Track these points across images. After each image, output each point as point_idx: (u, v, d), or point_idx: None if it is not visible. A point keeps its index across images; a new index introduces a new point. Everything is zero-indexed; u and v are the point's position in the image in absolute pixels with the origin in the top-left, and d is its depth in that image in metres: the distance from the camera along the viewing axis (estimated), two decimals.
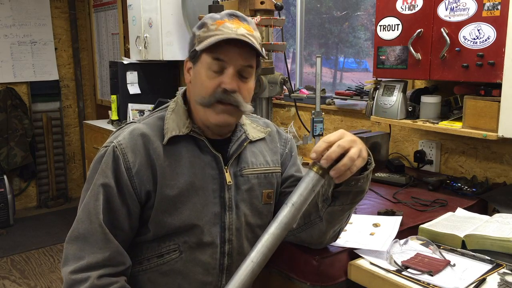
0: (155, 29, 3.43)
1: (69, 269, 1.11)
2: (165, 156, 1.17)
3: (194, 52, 1.18)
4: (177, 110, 1.23)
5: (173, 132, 1.19)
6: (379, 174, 1.97)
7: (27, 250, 3.88)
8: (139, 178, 1.15)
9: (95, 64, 5.05)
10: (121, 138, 1.18)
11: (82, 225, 1.13)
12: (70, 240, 1.14)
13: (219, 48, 1.13)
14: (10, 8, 4.58)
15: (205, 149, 1.21)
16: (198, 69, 1.18)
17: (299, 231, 1.26)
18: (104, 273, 1.10)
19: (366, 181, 1.12)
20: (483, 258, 1.24)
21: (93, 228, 1.12)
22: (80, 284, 1.08)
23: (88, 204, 1.14)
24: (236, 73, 1.15)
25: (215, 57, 1.14)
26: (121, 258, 1.14)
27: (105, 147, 1.19)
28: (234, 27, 1.14)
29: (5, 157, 4.47)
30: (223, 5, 2.52)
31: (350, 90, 2.57)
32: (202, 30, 1.17)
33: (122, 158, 1.15)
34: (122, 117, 3.62)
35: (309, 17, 3.07)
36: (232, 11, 1.19)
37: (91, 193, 1.15)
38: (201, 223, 1.19)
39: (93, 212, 1.13)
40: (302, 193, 1.02)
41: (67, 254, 1.13)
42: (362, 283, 1.24)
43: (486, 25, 1.55)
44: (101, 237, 1.12)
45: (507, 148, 1.87)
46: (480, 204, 1.70)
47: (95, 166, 1.18)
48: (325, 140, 1.02)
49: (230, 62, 1.14)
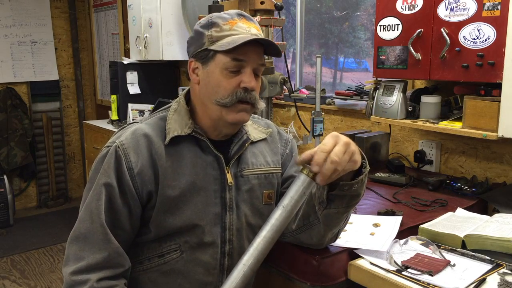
0: (155, 29, 3.43)
1: (69, 270, 1.11)
2: (167, 156, 1.17)
3: (205, 52, 1.17)
4: (179, 110, 1.23)
5: (175, 132, 1.19)
6: (379, 174, 1.97)
7: (27, 250, 3.88)
8: (140, 178, 1.15)
9: (95, 64, 5.05)
10: (123, 138, 1.18)
11: (84, 224, 1.13)
12: (71, 240, 1.14)
13: (238, 49, 1.13)
14: (10, 8, 4.58)
15: (206, 149, 1.22)
16: (212, 69, 1.17)
17: (298, 232, 1.26)
18: (103, 276, 1.10)
19: (361, 186, 1.12)
20: (483, 258, 1.24)
21: (94, 228, 1.12)
22: (79, 286, 1.08)
23: (90, 204, 1.14)
24: (253, 71, 1.17)
25: (233, 57, 1.14)
26: (120, 260, 1.14)
27: (107, 147, 1.19)
28: (247, 27, 1.16)
29: (5, 157, 4.47)
30: (223, 5, 2.52)
31: (350, 90, 2.57)
32: (213, 29, 1.16)
33: (124, 159, 1.15)
34: (122, 117, 3.62)
35: (309, 17, 3.07)
36: (239, 11, 1.20)
37: (93, 193, 1.15)
38: (202, 223, 1.19)
39: (95, 212, 1.13)
40: (293, 196, 1.03)
41: (68, 254, 1.14)
42: (362, 283, 1.24)
43: (486, 25, 1.55)
44: (102, 237, 1.12)
45: (507, 148, 1.87)
46: (480, 204, 1.70)
47: (97, 166, 1.18)
48: (323, 150, 1.02)
49: (248, 62, 1.15)
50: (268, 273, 1.41)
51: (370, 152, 2.13)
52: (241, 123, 1.23)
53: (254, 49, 1.16)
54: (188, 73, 1.24)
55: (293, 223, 1.26)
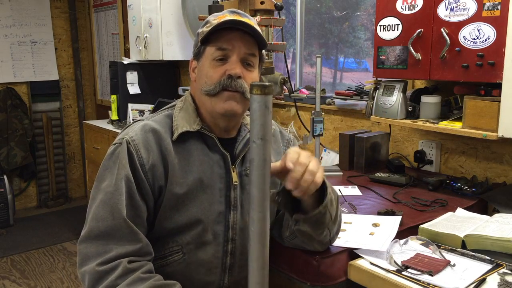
0: (155, 29, 3.43)
1: (94, 264, 1.06)
2: (175, 153, 1.18)
3: (198, 49, 1.21)
4: (186, 108, 1.24)
5: (183, 128, 1.19)
6: (379, 174, 1.97)
7: (27, 250, 3.88)
8: (152, 174, 1.15)
9: (95, 64, 5.05)
10: (133, 134, 1.17)
11: (104, 222, 1.09)
12: (88, 239, 1.10)
13: (220, 37, 1.15)
14: (10, 8, 4.58)
15: (213, 147, 1.22)
16: (203, 62, 1.20)
17: (292, 238, 1.26)
18: (133, 260, 1.08)
19: (324, 215, 1.13)
20: (483, 258, 1.24)
21: (117, 224, 1.09)
22: (110, 272, 1.05)
23: (109, 200, 1.11)
24: (240, 61, 1.17)
25: (218, 47, 1.16)
26: (149, 249, 1.13)
27: (117, 143, 1.17)
28: (235, 19, 1.16)
29: (5, 157, 4.47)
30: (223, 5, 2.52)
31: (350, 90, 2.56)
32: (205, 26, 1.20)
33: (136, 155, 1.14)
34: (122, 117, 3.62)
35: (309, 17, 3.06)
36: (234, 9, 1.22)
37: (112, 188, 1.12)
38: (206, 221, 1.20)
39: (116, 208, 1.10)
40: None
41: (86, 253, 1.09)
42: (362, 283, 1.24)
43: (486, 25, 1.55)
44: (128, 231, 1.09)
45: (507, 148, 1.87)
46: (480, 204, 1.70)
47: (107, 164, 1.16)
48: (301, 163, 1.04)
49: (233, 50, 1.16)
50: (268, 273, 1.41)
51: (370, 152, 2.13)
52: (231, 113, 1.19)
53: (240, 37, 1.16)
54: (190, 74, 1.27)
55: (286, 230, 1.26)
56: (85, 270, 1.08)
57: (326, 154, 2.55)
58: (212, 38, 1.17)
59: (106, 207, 1.11)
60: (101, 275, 1.05)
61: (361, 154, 2.11)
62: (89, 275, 1.06)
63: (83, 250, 1.10)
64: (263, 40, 1.19)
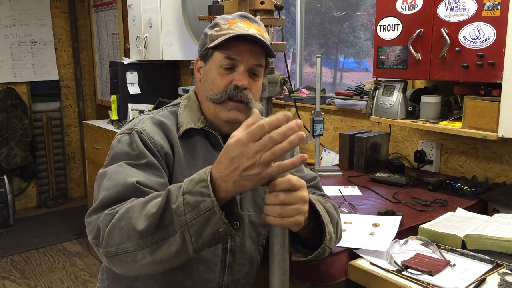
0: (155, 29, 3.43)
1: (103, 212, 0.98)
2: (181, 146, 1.19)
3: (206, 51, 1.21)
4: (190, 106, 1.26)
5: (188, 125, 1.20)
6: (379, 174, 1.97)
7: (27, 250, 3.88)
8: (166, 160, 1.15)
9: (95, 64, 5.05)
10: (142, 124, 1.16)
11: (115, 188, 1.02)
12: (98, 209, 1.01)
13: (231, 47, 1.16)
14: (10, 8, 4.58)
15: (217, 146, 1.23)
16: (210, 66, 1.21)
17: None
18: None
19: (322, 254, 1.11)
20: (483, 258, 1.24)
21: (129, 188, 1.01)
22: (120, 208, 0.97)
23: (121, 170, 1.05)
24: (247, 71, 1.18)
25: (227, 55, 1.17)
26: None
27: (126, 133, 1.15)
28: (246, 27, 1.18)
29: (5, 157, 4.47)
30: (223, 5, 2.52)
31: (350, 90, 2.57)
32: (214, 29, 1.20)
33: (150, 142, 1.13)
34: (122, 117, 3.62)
35: (309, 17, 3.06)
36: (243, 13, 1.23)
37: (122, 167, 1.06)
38: None
39: (128, 175, 1.04)
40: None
41: (95, 222, 0.98)
42: (362, 283, 1.24)
43: (486, 25, 1.55)
44: (140, 194, 1.00)
45: (507, 148, 1.87)
46: (480, 204, 1.70)
47: (119, 150, 1.11)
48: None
49: (241, 61, 1.17)
50: (268, 273, 1.41)
51: (370, 152, 2.13)
52: (235, 122, 1.19)
53: (250, 49, 1.17)
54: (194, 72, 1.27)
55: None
56: (95, 223, 0.99)
57: (326, 154, 2.55)
58: (221, 45, 1.17)
59: (118, 175, 1.06)
60: (113, 215, 0.97)
61: (361, 154, 2.12)
62: (102, 220, 0.98)
63: (91, 220, 1.01)
64: (271, 50, 1.20)
